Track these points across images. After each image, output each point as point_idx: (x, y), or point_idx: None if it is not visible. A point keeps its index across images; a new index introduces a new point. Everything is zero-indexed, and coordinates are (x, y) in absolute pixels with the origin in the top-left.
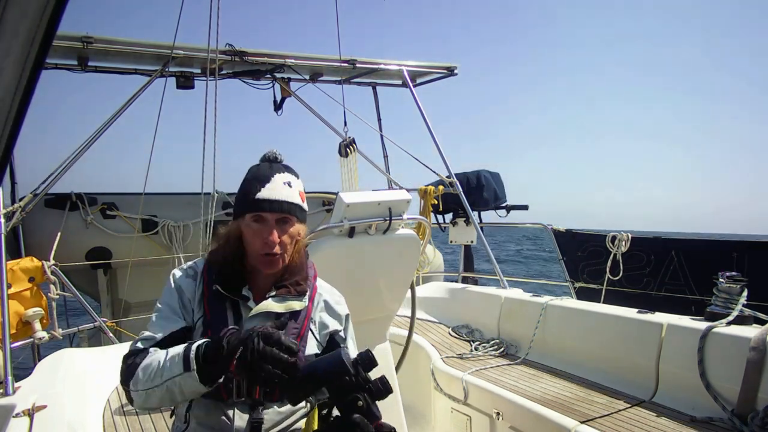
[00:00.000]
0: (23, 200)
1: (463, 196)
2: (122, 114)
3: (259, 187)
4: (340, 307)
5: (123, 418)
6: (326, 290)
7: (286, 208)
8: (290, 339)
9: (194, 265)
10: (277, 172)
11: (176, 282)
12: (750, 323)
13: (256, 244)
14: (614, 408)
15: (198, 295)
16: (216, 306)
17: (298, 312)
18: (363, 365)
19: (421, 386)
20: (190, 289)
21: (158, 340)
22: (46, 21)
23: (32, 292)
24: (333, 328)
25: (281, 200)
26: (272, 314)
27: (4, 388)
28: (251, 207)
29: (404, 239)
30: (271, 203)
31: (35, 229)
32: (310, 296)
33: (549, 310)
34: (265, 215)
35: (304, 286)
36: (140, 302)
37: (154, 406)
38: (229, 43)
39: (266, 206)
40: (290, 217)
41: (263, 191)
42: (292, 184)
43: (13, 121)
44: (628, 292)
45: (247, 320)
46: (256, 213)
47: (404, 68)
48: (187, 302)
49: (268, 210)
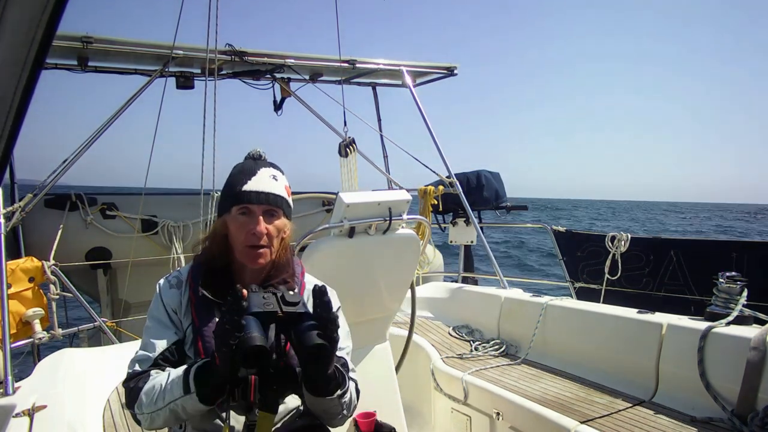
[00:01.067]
0: (23, 200)
1: (463, 196)
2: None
3: (245, 180)
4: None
5: (123, 418)
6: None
7: (273, 200)
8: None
9: (178, 274)
10: (263, 166)
11: (161, 295)
12: (750, 323)
13: (241, 236)
14: (614, 408)
15: (185, 302)
16: (204, 312)
17: None
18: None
19: (421, 386)
20: (176, 300)
21: (153, 359)
22: (45, 21)
23: (32, 292)
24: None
25: (267, 192)
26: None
27: (4, 388)
28: (237, 199)
29: (404, 239)
30: (258, 195)
31: (35, 229)
32: (299, 293)
33: (549, 310)
34: (252, 207)
35: (291, 283)
36: (140, 302)
37: (161, 427)
38: (228, 43)
39: (253, 198)
40: (276, 209)
41: (249, 183)
42: (277, 177)
43: (13, 121)
44: (627, 292)
45: None
46: (243, 205)
47: (404, 68)
48: (173, 314)
49: (255, 202)
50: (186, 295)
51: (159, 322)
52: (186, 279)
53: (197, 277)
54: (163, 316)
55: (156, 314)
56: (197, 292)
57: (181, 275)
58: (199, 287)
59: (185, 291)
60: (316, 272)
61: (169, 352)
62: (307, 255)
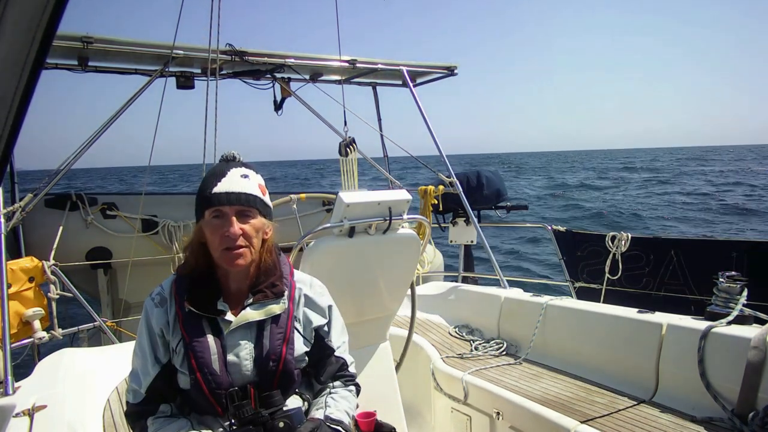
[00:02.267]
0: (23, 200)
1: (463, 196)
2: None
3: (215, 182)
4: (322, 299)
5: (123, 418)
6: (306, 284)
7: (244, 199)
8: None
9: (161, 290)
10: (234, 167)
11: (148, 318)
12: (750, 323)
13: (216, 239)
14: (614, 408)
15: (172, 319)
16: (193, 326)
17: (280, 315)
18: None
19: (421, 386)
20: (162, 319)
21: (144, 395)
22: (45, 21)
23: (32, 292)
24: (317, 323)
25: (238, 192)
26: (253, 323)
27: (4, 388)
28: (209, 202)
29: (404, 239)
30: (228, 195)
31: (35, 229)
32: (290, 295)
33: (549, 310)
34: (224, 209)
35: (280, 287)
36: (140, 302)
37: None
38: (229, 43)
39: (223, 199)
40: (250, 209)
41: (219, 185)
42: (249, 176)
43: (13, 121)
44: (628, 292)
45: (228, 334)
46: (214, 208)
47: (404, 68)
48: (158, 339)
49: (226, 203)
50: (172, 310)
51: (143, 351)
52: (170, 294)
53: (182, 292)
54: (146, 345)
55: (141, 341)
56: (183, 308)
57: (164, 291)
58: (185, 303)
59: (171, 307)
60: (316, 272)
61: (155, 383)
62: (307, 255)
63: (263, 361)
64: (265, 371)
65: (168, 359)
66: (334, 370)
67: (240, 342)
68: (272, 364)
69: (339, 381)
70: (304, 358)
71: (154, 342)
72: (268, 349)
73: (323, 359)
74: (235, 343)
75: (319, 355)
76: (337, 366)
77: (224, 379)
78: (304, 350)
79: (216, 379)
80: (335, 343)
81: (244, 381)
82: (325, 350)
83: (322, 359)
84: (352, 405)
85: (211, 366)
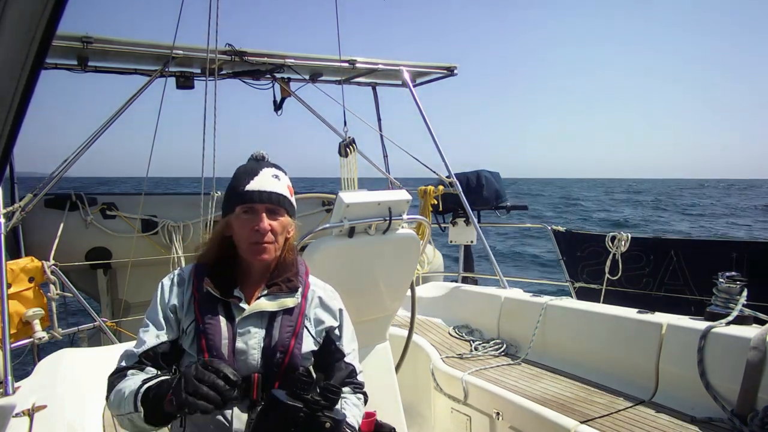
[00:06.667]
0: (23, 200)
1: (462, 196)
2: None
3: (248, 180)
4: (334, 302)
5: None
6: (319, 287)
7: (275, 198)
8: (231, 370)
9: (181, 272)
10: (265, 166)
11: (163, 293)
12: (750, 323)
13: (245, 233)
14: (614, 408)
15: (187, 299)
16: (207, 309)
17: (292, 309)
18: (299, 388)
19: (421, 386)
20: (179, 297)
21: (137, 355)
22: (45, 21)
23: (32, 292)
24: (328, 323)
25: (270, 191)
26: (266, 313)
27: (4, 388)
28: (241, 199)
29: (404, 239)
30: (261, 194)
31: (35, 229)
32: (303, 293)
33: (549, 310)
34: (255, 206)
35: (295, 282)
36: (140, 302)
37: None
38: (228, 43)
39: (256, 197)
40: (279, 208)
41: (252, 183)
42: (279, 177)
43: (13, 121)
44: (627, 292)
45: (240, 321)
46: (247, 204)
47: (404, 68)
48: (171, 315)
49: (258, 201)
50: (189, 292)
51: (153, 321)
52: (189, 277)
53: (201, 275)
54: (158, 316)
55: (152, 314)
56: (201, 289)
57: (183, 273)
58: (203, 284)
59: (188, 288)
60: (316, 272)
61: (153, 351)
62: (307, 255)
63: (271, 352)
64: (272, 362)
65: (176, 338)
66: (343, 375)
67: (251, 330)
68: (279, 356)
69: (348, 388)
70: (310, 357)
71: (167, 316)
72: (276, 340)
73: (333, 363)
74: (246, 330)
75: (329, 359)
76: (346, 372)
77: (231, 364)
78: (311, 348)
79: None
80: (346, 348)
81: (249, 371)
82: (336, 354)
83: (332, 363)
84: (361, 413)
85: (220, 350)
